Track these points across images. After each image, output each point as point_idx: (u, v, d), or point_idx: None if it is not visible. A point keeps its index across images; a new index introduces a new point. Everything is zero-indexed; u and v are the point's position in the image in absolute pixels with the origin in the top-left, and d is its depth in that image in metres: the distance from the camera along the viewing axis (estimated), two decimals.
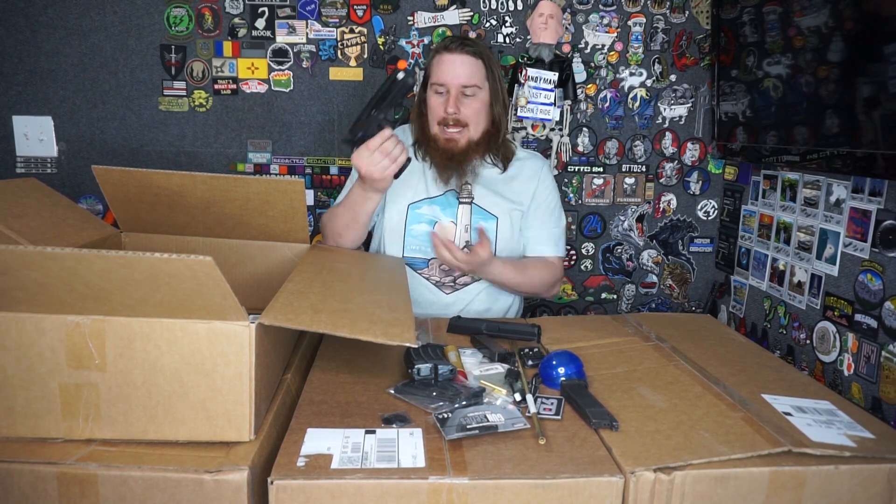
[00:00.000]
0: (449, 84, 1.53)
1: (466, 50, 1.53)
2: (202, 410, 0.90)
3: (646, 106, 2.01)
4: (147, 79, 1.93)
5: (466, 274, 1.59)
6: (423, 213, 1.61)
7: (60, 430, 0.90)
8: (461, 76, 1.52)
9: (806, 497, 0.88)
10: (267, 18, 1.92)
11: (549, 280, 1.64)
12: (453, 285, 1.62)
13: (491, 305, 1.65)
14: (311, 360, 1.25)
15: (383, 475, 0.84)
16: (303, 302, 1.02)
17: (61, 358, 0.88)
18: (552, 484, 0.84)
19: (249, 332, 0.89)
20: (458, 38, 1.59)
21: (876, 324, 1.41)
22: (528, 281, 1.61)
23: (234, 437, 0.90)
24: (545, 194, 1.65)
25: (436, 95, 1.56)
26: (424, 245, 1.60)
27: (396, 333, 0.99)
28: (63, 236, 1.23)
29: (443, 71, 1.53)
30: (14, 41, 1.89)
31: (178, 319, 0.88)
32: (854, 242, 1.47)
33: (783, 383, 1.16)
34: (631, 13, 1.96)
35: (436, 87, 1.55)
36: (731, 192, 2.01)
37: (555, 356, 1.17)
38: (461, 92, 1.53)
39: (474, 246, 1.48)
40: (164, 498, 0.84)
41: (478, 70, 1.54)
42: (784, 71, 1.56)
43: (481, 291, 1.63)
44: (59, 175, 1.97)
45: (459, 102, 1.53)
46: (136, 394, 0.89)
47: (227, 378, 0.89)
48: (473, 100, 1.54)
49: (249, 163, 2.00)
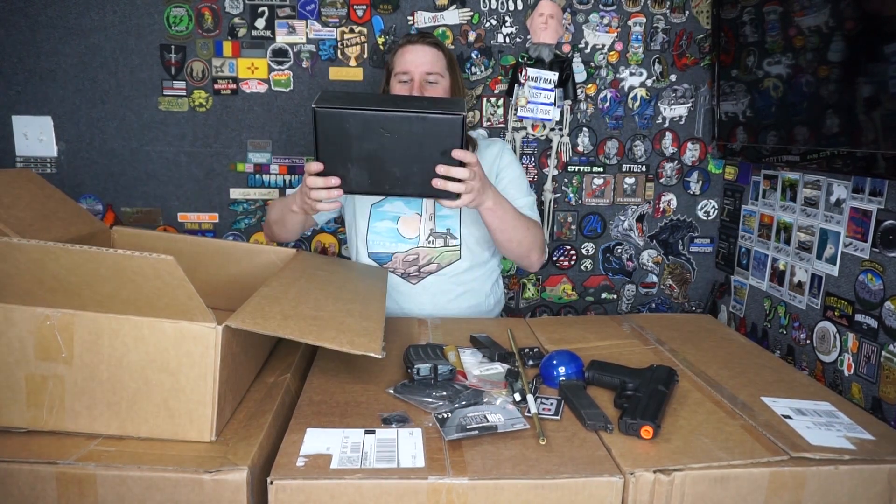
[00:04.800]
0: (413, 72, 1.58)
1: (427, 41, 1.61)
2: (165, 409, 0.91)
3: (646, 106, 2.01)
4: (147, 79, 1.93)
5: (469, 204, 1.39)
6: (385, 210, 1.63)
7: (25, 420, 0.91)
8: (424, 63, 1.58)
9: (806, 498, 0.88)
10: (267, 18, 1.92)
11: (538, 238, 1.58)
12: (419, 275, 1.63)
13: (461, 294, 1.63)
14: (311, 360, 1.25)
15: (383, 475, 0.84)
16: (274, 307, 1.03)
17: (29, 349, 0.89)
18: (552, 484, 0.84)
19: (216, 335, 0.89)
20: (420, 32, 1.68)
21: (876, 324, 1.40)
22: (524, 226, 1.52)
23: (195, 436, 0.91)
24: (507, 170, 1.64)
25: (400, 84, 1.60)
26: (387, 240, 1.61)
27: (362, 343, 1.00)
28: (51, 229, 1.23)
29: (406, 60, 1.59)
30: (14, 41, 1.89)
31: (146, 318, 0.88)
32: (854, 242, 1.47)
33: (783, 384, 1.16)
34: (631, 13, 1.96)
35: (400, 76, 1.59)
36: (731, 192, 2.01)
37: (555, 356, 1.17)
38: (424, 79, 1.58)
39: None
40: (162, 498, 0.84)
41: (439, 60, 1.61)
42: (784, 71, 1.56)
43: (449, 278, 1.62)
44: (59, 175, 1.97)
45: (424, 89, 1.57)
46: (100, 389, 0.90)
47: (192, 378, 0.90)
48: (436, 87, 1.59)
49: (249, 163, 2.00)
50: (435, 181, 1.25)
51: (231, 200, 2.01)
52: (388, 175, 1.26)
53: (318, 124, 1.22)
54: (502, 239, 1.51)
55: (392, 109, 1.22)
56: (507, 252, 1.59)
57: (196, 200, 2.01)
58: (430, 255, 1.61)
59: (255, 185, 2.01)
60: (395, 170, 1.25)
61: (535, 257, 1.59)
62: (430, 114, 1.21)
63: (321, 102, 1.22)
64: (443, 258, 1.62)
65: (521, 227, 1.51)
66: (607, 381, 1.12)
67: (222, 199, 2.01)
